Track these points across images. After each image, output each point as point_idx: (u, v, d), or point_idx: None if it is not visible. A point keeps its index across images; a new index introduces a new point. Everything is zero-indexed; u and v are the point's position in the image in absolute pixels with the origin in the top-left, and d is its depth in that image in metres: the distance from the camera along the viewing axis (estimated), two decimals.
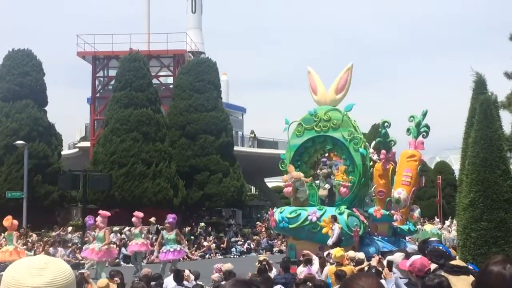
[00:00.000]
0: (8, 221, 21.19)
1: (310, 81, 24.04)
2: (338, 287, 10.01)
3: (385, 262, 8.09)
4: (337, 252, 12.45)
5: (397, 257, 8.12)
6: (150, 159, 37.34)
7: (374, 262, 10.51)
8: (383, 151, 24.82)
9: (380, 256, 10.44)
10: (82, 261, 24.41)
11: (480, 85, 12.10)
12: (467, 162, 10.83)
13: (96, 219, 20.49)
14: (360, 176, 22.73)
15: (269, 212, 24.76)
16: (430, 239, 10.58)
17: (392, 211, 24.30)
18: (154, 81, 42.99)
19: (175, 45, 45.31)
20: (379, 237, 23.81)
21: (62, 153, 41.66)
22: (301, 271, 13.11)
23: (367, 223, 22.59)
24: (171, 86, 45.86)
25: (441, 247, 8.48)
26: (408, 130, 26.69)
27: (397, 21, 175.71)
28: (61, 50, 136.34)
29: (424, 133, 26.55)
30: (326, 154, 23.93)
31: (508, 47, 24.70)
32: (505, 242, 10.00)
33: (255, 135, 49.85)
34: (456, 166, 69.37)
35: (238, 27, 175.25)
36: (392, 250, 11.44)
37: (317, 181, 23.12)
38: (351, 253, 13.78)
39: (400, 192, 24.58)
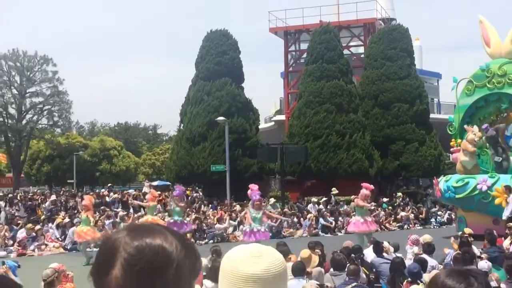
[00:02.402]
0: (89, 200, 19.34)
1: (483, 31, 21.73)
2: None
3: None
4: None
5: None
6: (344, 130, 37.49)
7: None
8: None
9: None
10: (283, 231, 25.34)
11: None
12: None
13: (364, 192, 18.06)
14: None
15: (434, 180, 22.41)
16: None
17: None
18: (345, 52, 42.91)
19: (365, 13, 44.73)
20: None
21: (259, 127, 43.33)
22: (508, 244, 12.39)
23: None
24: (362, 56, 45.44)
25: None
26: None
27: None
28: (254, 28, 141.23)
29: None
30: (491, 119, 21.15)
31: None
32: None
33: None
34: None
35: None
36: None
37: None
38: None
39: None
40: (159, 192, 33.26)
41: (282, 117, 48.83)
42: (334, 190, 32.40)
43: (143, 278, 1.51)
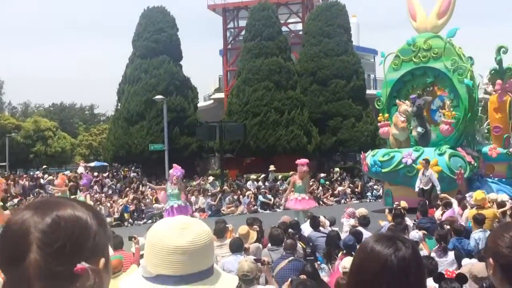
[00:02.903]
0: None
1: (409, 5, 21.57)
2: (478, 231, 9.65)
3: None
4: (477, 194, 11.94)
5: None
6: (282, 107, 37.67)
7: None
8: (499, 81, 21.47)
9: None
10: (223, 209, 25.37)
11: None
12: None
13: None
14: (466, 111, 20.15)
15: (361, 155, 22.32)
16: None
17: (511, 149, 21.34)
18: (284, 29, 42.95)
19: None
20: (495, 178, 20.88)
21: (198, 105, 43.07)
22: (439, 215, 12.75)
23: (475, 164, 20.14)
24: (300, 32, 45.62)
25: None
26: None
27: None
28: (192, 4, 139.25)
29: None
30: (417, 93, 21.07)
31: None
32: None
33: None
34: None
35: None
36: None
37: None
38: (492, 195, 13.19)
39: None
40: (96, 173, 32.78)
41: (221, 95, 48.68)
42: (272, 167, 32.64)
43: (65, 254, 1.43)
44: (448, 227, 9.91)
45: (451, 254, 8.44)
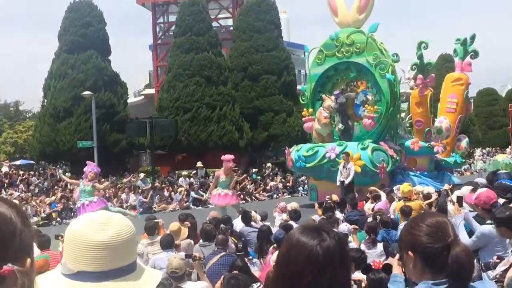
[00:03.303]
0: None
1: (330, 0, 21.38)
2: (403, 225, 9.89)
3: (454, 198, 7.88)
4: (404, 187, 12.22)
5: (465, 190, 7.90)
6: (214, 103, 37.58)
7: (446, 187, 10.16)
8: (420, 76, 21.87)
9: (449, 186, 10.07)
10: (154, 206, 25.09)
11: None
12: None
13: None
14: (388, 105, 20.19)
15: (286, 150, 22.21)
16: (499, 172, 10.17)
17: (433, 143, 21.54)
18: (214, 24, 42.81)
19: None
20: (418, 172, 21.23)
21: (128, 101, 42.36)
22: (369, 208, 13.00)
23: (398, 158, 20.18)
24: (231, 28, 45.60)
25: (508, 183, 8.17)
26: (454, 51, 23.79)
27: None
28: None
29: (473, 53, 23.36)
30: (341, 88, 21.16)
31: None
32: None
33: None
34: None
35: None
36: (461, 184, 11.11)
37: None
38: (419, 188, 13.55)
39: (441, 120, 21.88)
40: (22, 172, 31.77)
41: (151, 90, 48.13)
42: (199, 164, 32.47)
43: None
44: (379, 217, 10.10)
45: (380, 246, 8.62)
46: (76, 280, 1.81)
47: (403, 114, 23.46)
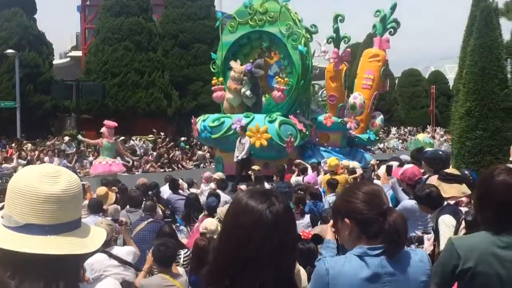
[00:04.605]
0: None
1: None
2: (332, 195, 10.14)
3: (383, 170, 8.11)
4: (331, 161, 12.51)
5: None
6: (143, 69, 37.01)
7: (373, 162, 10.46)
8: (335, 50, 21.02)
9: (377, 162, 10.40)
10: (78, 170, 24.59)
11: None
12: (465, 71, 10.70)
13: (102, 129, 17.77)
14: (299, 78, 19.13)
15: (192, 120, 20.93)
16: (427, 149, 10.53)
17: (346, 119, 20.83)
18: None
19: None
20: (329, 147, 20.54)
21: (54, 62, 41.11)
22: (296, 180, 13.21)
23: (307, 133, 19.23)
24: None
25: (439, 152, 8.49)
26: (374, 26, 22.96)
27: None
28: None
29: (392, 30, 22.76)
30: (252, 60, 19.89)
31: None
32: (500, 151, 10.02)
33: None
34: (450, 75, 69.18)
35: None
36: (387, 160, 11.42)
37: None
38: (345, 162, 13.88)
39: (356, 96, 21.14)
40: None
41: (78, 53, 46.85)
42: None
43: None
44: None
45: (307, 217, 8.80)
46: (22, 233, 1.77)
47: (318, 89, 22.92)
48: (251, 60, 20.08)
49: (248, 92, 18.96)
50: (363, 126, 22.41)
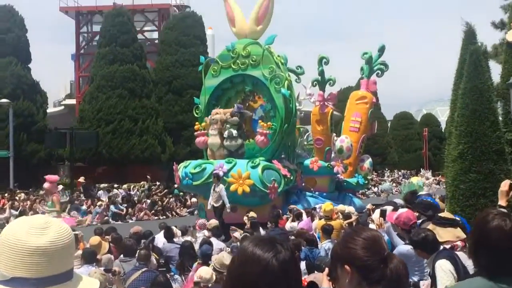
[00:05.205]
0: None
1: (227, 9, 20.17)
2: (328, 241, 10.06)
3: (377, 214, 8.09)
4: (326, 206, 12.47)
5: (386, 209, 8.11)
6: (136, 116, 37.14)
7: (369, 206, 10.43)
8: (320, 93, 21.03)
9: (373, 206, 10.36)
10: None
11: (470, 35, 11.98)
12: (456, 114, 10.76)
13: (45, 186, 15.87)
14: (282, 121, 18.73)
15: (174, 166, 20.28)
16: (418, 192, 10.54)
17: (333, 163, 20.37)
18: (139, 36, 42.44)
19: None
20: (316, 192, 20.01)
21: (48, 111, 41.20)
22: (291, 226, 13.13)
23: (292, 178, 18.74)
24: (156, 41, 45.31)
25: (429, 200, 8.49)
26: (361, 69, 22.83)
27: None
28: (43, 6, 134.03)
29: (379, 71, 22.59)
30: (239, 102, 19.88)
31: None
32: (494, 193, 9.94)
33: None
34: (442, 118, 69.69)
35: None
36: (382, 204, 11.40)
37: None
38: (340, 207, 13.83)
39: (343, 140, 20.72)
40: None
41: (72, 101, 47.05)
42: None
43: None
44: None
45: (302, 264, 8.70)
46: (10, 287, 1.74)
47: (303, 132, 22.66)
48: (239, 101, 19.98)
49: (234, 132, 18.59)
50: (352, 170, 22.14)
